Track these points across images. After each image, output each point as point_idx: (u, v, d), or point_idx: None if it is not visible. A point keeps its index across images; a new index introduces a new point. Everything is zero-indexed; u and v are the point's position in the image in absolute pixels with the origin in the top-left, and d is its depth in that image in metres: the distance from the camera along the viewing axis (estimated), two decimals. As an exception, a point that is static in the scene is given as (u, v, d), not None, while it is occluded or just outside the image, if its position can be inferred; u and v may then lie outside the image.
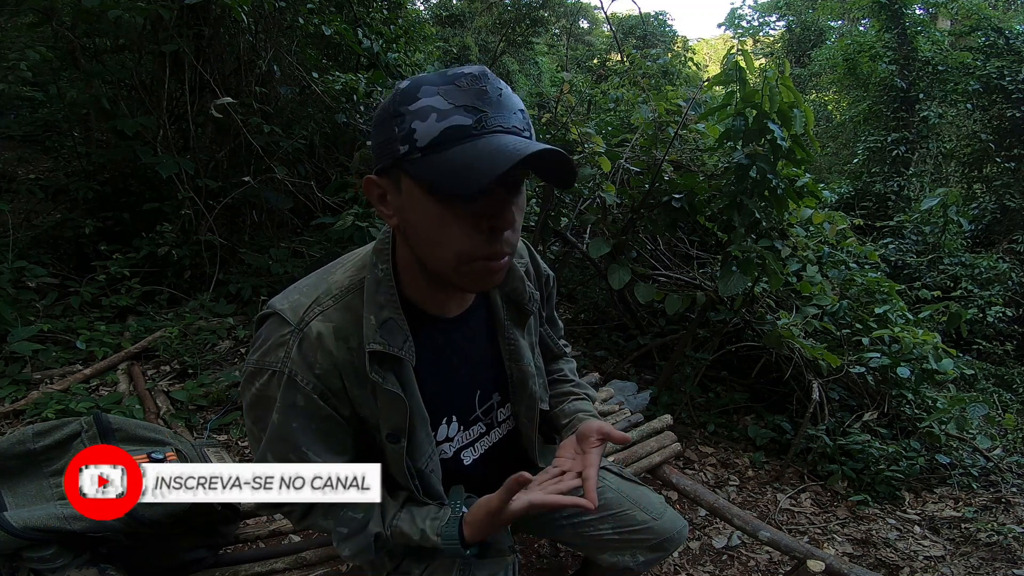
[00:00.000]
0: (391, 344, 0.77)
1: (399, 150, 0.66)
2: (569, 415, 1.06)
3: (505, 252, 0.72)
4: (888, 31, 7.74)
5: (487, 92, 0.66)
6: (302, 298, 0.80)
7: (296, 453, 0.79)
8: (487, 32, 11.10)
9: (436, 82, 0.66)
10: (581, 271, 3.72)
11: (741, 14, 19.66)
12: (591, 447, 0.88)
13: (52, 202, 3.63)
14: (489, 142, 0.63)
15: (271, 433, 0.79)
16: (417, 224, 0.71)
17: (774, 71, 2.13)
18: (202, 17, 3.20)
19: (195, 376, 2.60)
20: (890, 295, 3.03)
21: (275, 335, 0.77)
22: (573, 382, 1.14)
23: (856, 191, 7.62)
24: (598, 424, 0.92)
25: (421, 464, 0.86)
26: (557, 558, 1.78)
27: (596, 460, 0.86)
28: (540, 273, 1.03)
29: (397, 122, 0.66)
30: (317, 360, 0.77)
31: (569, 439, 0.94)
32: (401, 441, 0.82)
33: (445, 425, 0.92)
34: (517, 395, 0.99)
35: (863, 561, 2.07)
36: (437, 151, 0.64)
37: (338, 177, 3.64)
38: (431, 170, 0.64)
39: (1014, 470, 2.81)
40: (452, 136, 0.63)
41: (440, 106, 0.64)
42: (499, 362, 0.96)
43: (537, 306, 0.98)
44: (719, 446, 2.69)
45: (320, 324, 0.77)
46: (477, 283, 0.75)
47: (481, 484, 1.00)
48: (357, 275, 0.82)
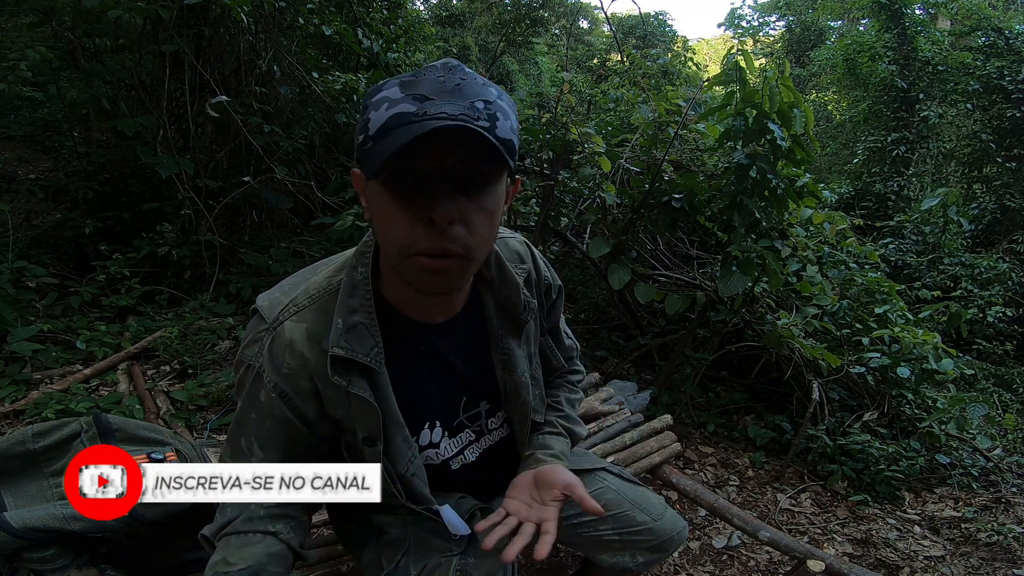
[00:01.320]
0: (355, 350, 0.76)
1: (358, 140, 0.68)
2: (533, 448, 0.97)
3: (448, 250, 0.67)
4: (888, 31, 7.74)
5: (443, 82, 0.65)
6: (281, 296, 0.82)
7: (245, 439, 0.82)
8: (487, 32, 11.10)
9: (403, 76, 0.67)
10: (581, 271, 3.71)
11: (741, 14, 19.67)
12: (552, 500, 0.85)
13: (52, 202, 3.63)
14: (423, 127, 0.61)
15: (235, 416, 0.83)
16: (373, 216, 0.72)
17: (774, 71, 2.13)
18: (202, 17, 3.19)
19: (195, 376, 2.60)
20: (890, 295, 3.03)
21: (254, 331, 0.82)
22: (561, 413, 1.06)
23: (856, 191, 7.62)
24: (567, 479, 0.86)
25: (401, 469, 0.86)
26: (557, 558, 1.78)
27: (555, 515, 0.83)
28: (542, 281, 0.99)
29: (362, 114, 0.68)
30: (285, 360, 0.78)
31: (525, 477, 0.90)
32: (377, 444, 0.81)
33: (428, 430, 0.91)
34: (511, 405, 0.96)
35: (863, 561, 2.07)
36: (382, 138, 0.64)
37: (338, 177, 3.64)
38: (373, 157, 0.64)
39: (1014, 470, 2.81)
40: (395, 123, 0.63)
41: (393, 96, 0.65)
42: (490, 371, 0.93)
43: (534, 315, 0.94)
44: (719, 446, 2.69)
45: (292, 324, 0.79)
46: (419, 281, 0.71)
47: (474, 486, 1.00)
48: (335, 276, 0.82)
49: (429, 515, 0.91)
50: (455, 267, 0.70)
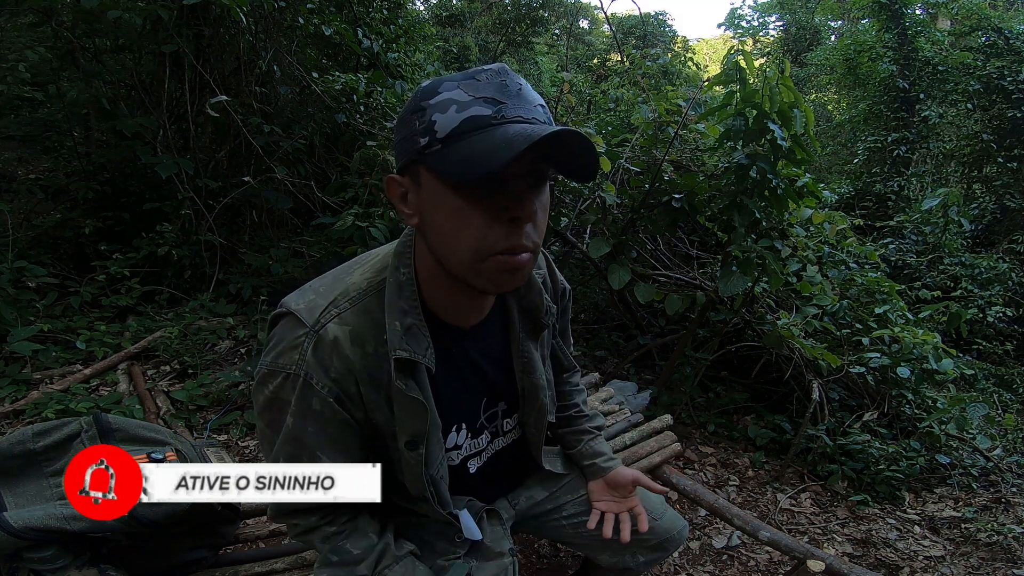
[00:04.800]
0: (415, 351, 0.76)
1: (419, 143, 0.66)
2: (590, 457, 1.12)
3: (526, 247, 0.69)
4: (888, 31, 7.74)
5: (507, 85, 0.66)
6: (318, 299, 0.78)
7: (309, 457, 0.78)
8: (487, 32, 11.10)
9: (457, 78, 0.66)
10: (581, 271, 3.71)
11: (741, 14, 19.67)
12: (630, 493, 1.08)
13: (52, 202, 3.63)
14: (508, 130, 0.63)
15: (284, 436, 0.78)
16: (436, 219, 0.70)
17: (774, 71, 2.13)
18: (202, 17, 3.19)
19: (195, 376, 2.60)
20: (890, 295, 3.03)
21: (289, 336, 0.76)
22: (587, 416, 1.17)
23: (856, 191, 7.62)
24: (631, 475, 1.09)
25: (432, 471, 0.85)
26: (557, 558, 1.78)
27: (639, 501, 1.08)
28: (557, 286, 1.02)
29: (418, 116, 0.66)
30: (333, 364, 0.75)
31: (598, 484, 1.10)
32: (420, 448, 0.80)
33: (455, 433, 0.91)
34: (527, 406, 0.98)
35: (863, 561, 2.07)
36: (457, 141, 0.64)
37: (338, 177, 3.63)
38: (449, 160, 0.64)
39: (1014, 470, 2.81)
40: (471, 126, 0.63)
41: (460, 98, 0.64)
42: (510, 372, 0.95)
43: (553, 319, 0.96)
44: (719, 446, 2.69)
45: (336, 327, 0.75)
46: (496, 282, 0.72)
47: (483, 488, 1.01)
48: (376, 277, 0.80)
49: (449, 519, 0.91)
50: (528, 263, 0.72)
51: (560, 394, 1.13)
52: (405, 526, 0.94)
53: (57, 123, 3.77)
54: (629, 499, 1.07)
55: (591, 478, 1.11)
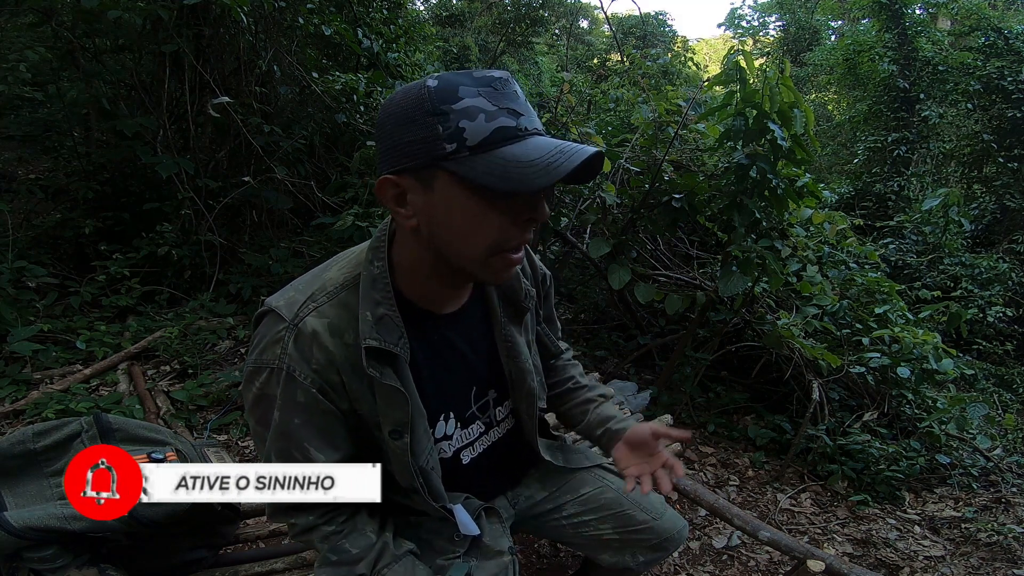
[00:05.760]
0: (386, 340, 0.78)
1: (445, 148, 0.67)
2: (600, 425, 1.09)
3: (530, 241, 0.78)
4: (888, 31, 7.74)
5: (518, 95, 0.70)
6: (297, 295, 0.80)
7: (299, 450, 0.79)
8: (487, 32, 11.09)
9: (470, 83, 0.67)
10: (581, 271, 3.71)
11: (741, 14, 19.66)
12: (656, 449, 0.99)
13: (52, 202, 3.63)
14: (535, 143, 0.68)
15: (273, 431, 0.79)
16: (450, 220, 0.71)
17: (774, 71, 2.13)
18: (202, 17, 3.19)
19: (195, 376, 2.60)
20: (890, 295, 3.03)
21: (271, 332, 0.78)
22: (587, 387, 1.16)
23: (856, 191, 7.63)
24: (650, 427, 1.00)
25: (422, 461, 0.86)
26: (557, 558, 1.78)
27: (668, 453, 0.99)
28: (536, 271, 1.04)
29: (440, 120, 0.66)
30: (314, 355, 0.77)
31: (621, 449, 1.02)
32: (404, 437, 0.82)
33: (443, 422, 0.92)
34: (516, 392, 0.99)
35: (863, 561, 2.07)
36: (487, 150, 0.66)
37: (338, 177, 3.64)
38: (479, 169, 0.66)
39: (1014, 470, 2.81)
40: (500, 136, 0.67)
41: (486, 107, 0.67)
42: (495, 359, 0.97)
43: (533, 303, 0.99)
44: (719, 446, 2.69)
45: (315, 320, 0.78)
46: (497, 274, 0.78)
47: (479, 482, 1.01)
48: (352, 272, 0.82)
49: (443, 513, 0.91)
50: (523, 257, 0.81)
51: (553, 370, 1.15)
52: (404, 526, 0.94)
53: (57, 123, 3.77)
54: (658, 456, 0.99)
55: (609, 445, 1.06)
